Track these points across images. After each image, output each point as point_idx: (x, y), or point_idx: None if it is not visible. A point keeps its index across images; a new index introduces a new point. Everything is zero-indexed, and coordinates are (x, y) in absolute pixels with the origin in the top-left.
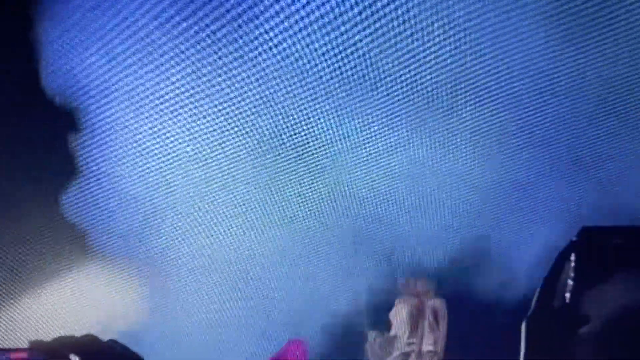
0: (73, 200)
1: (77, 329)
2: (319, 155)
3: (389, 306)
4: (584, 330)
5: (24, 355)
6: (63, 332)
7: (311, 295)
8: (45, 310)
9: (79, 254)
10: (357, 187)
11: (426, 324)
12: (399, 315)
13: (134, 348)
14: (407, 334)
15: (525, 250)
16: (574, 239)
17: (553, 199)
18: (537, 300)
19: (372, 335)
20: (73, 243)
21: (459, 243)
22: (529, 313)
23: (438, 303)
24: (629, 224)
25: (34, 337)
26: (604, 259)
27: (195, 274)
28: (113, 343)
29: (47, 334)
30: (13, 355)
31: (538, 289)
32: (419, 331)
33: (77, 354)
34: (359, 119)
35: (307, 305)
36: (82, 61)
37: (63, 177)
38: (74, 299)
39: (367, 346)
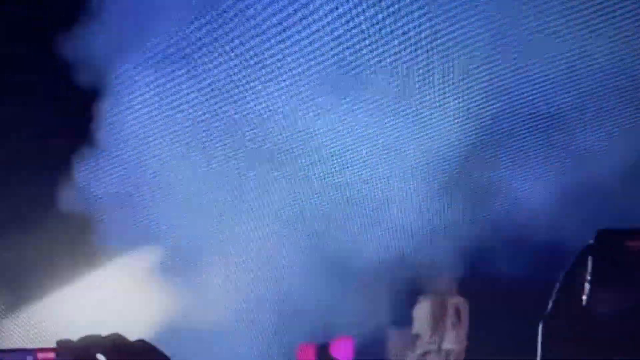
0: (91, 196)
1: (104, 328)
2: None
3: (412, 304)
4: (600, 331)
5: (51, 355)
6: (90, 332)
7: (334, 293)
8: (72, 309)
9: (103, 250)
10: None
11: (448, 322)
12: (421, 313)
13: (162, 347)
14: (429, 332)
15: (540, 252)
16: (591, 241)
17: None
18: (554, 302)
19: (394, 333)
20: (94, 239)
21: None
22: (545, 314)
23: (460, 301)
24: None
25: (61, 337)
26: (620, 261)
27: (227, 271)
28: (140, 343)
29: (74, 334)
30: (40, 355)
31: (555, 291)
32: (441, 329)
33: (104, 353)
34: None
35: (328, 303)
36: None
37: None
38: (101, 297)
39: (389, 344)
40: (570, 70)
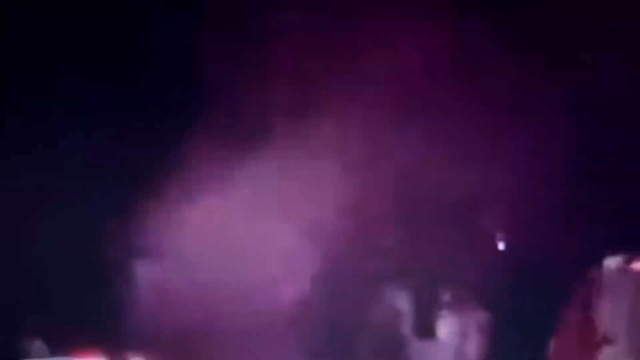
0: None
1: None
2: None
3: (436, 317)
4: (610, 348)
5: None
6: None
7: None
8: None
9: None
10: None
11: (472, 334)
12: (446, 326)
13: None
14: (453, 344)
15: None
16: (601, 262)
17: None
18: (565, 319)
19: (418, 344)
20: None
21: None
22: (555, 331)
23: (482, 315)
24: None
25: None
26: (627, 281)
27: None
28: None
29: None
30: None
31: (564, 309)
32: (465, 342)
33: None
34: None
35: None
36: None
37: None
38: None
39: (413, 354)
40: None
